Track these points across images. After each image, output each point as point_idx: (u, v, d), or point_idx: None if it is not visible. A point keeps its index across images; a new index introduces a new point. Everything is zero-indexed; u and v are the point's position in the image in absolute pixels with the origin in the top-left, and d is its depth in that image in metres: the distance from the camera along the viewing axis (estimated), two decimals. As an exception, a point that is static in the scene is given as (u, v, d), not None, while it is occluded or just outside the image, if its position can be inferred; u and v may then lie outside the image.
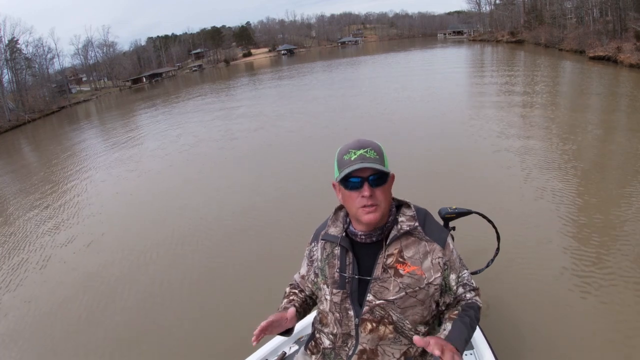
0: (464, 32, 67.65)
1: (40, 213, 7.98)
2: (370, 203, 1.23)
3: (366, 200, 1.23)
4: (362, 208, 1.24)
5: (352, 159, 1.22)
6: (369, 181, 1.22)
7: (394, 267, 1.28)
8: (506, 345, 2.80)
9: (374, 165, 1.20)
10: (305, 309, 1.55)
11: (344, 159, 1.24)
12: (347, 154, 1.24)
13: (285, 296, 1.58)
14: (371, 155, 1.23)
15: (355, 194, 1.24)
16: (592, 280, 3.49)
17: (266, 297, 3.82)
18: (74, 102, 45.08)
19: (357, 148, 1.24)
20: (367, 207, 1.23)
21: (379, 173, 1.23)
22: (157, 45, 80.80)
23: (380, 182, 1.24)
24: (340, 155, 1.26)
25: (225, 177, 8.34)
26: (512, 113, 10.38)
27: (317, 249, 1.45)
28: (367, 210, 1.24)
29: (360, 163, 1.20)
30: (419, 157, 7.71)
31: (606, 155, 6.79)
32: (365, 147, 1.24)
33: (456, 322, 1.28)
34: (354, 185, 1.23)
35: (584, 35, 23.88)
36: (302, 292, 1.58)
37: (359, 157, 1.22)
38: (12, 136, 26.42)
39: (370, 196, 1.22)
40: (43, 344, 3.89)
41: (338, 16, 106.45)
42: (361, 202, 1.24)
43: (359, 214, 1.26)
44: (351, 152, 1.24)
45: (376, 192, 1.23)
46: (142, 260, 5.22)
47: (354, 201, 1.25)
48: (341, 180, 1.23)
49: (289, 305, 1.50)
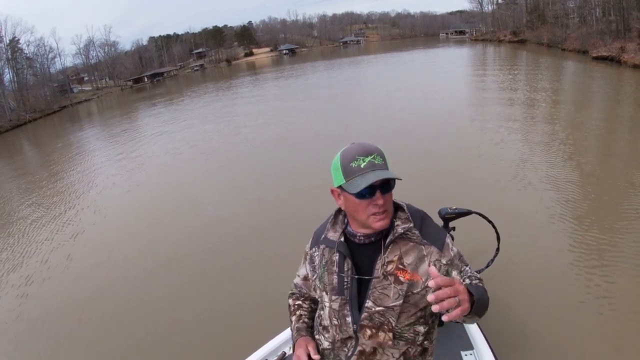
0: (466, 31, 67.49)
1: (37, 211, 8.01)
2: (382, 210, 1.22)
3: (379, 207, 1.21)
4: (374, 216, 1.23)
5: (362, 166, 1.19)
6: (381, 189, 1.21)
7: (394, 274, 1.26)
8: (506, 345, 2.79)
9: (391, 175, 1.19)
10: (314, 319, 1.54)
11: (351, 167, 1.20)
12: (354, 160, 1.21)
13: (291, 312, 1.56)
14: (379, 161, 1.21)
15: (365, 202, 1.22)
16: (593, 280, 3.48)
17: (266, 297, 3.82)
18: (75, 102, 45.09)
19: (363, 155, 1.21)
20: (379, 214, 1.22)
21: (389, 180, 1.21)
22: (159, 45, 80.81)
23: (389, 188, 1.23)
24: (346, 161, 1.22)
25: (230, 177, 8.36)
26: (514, 113, 10.36)
27: (317, 255, 1.44)
28: (378, 217, 1.23)
29: (373, 172, 1.18)
30: (419, 156, 7.71)
31: (608, 156, 6.77)
32: (371, 153, 1.21)
33: (470, 285, 1.18)
34: (365, 194, 1.21)
35: (586, 35, 23.77)
36: (306, 301, 1.57)
37: (369, 165, 1.19)
38: (13, 136, 26.49)
39: (385, 203, 1.22)
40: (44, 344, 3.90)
41: (340, 16, 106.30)
42: (372, 210, 1.22)
43: (369, 222, 1.24)
44: (359, 159, 1.20)
45: (386, 198, 1.23)
46: (142, 261, 5.23)
47: (365, 209, 1.23)
48: (357, 190, 1.19)
49: (301, 326, 1.48)
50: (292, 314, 1.56)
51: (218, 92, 28.01)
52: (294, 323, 1.52)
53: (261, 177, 7.84)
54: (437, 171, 6.74)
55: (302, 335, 1.45)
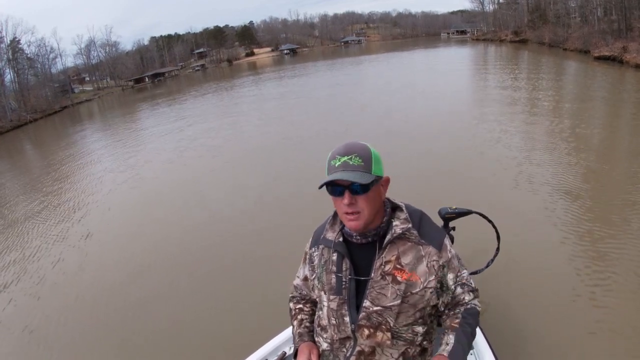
0: (467, 31, 67.43)
1: (41, 211, 8.03)
2: (351, 211, 1.23)
3: (347, 207, 1.23)
4: (345, 215, 1.26)
5: (336, 165, 1.23)
6: (351, 189, 1.22)
7: (391, 274, 1.27)
8: (506, 345, 2.79)
9: (350, 176, 1.19)
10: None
11: (330, 164, 1.25)
12: (333, 159, 1.24)
13: (292, 316, 1.57)
14: (355, 162, 1.22)
15: (338, 200, 1.25)
16: (594, 280, 3.47)
17: (267, 297, 3.83)
18: (76, 102, 45.12)
19: (342, 154, 1.23)
20: (349, 214, 1.24)
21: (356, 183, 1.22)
22: (160, 45, 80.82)
23: (363, 190, 1.23)
24: (329, 159, 1.26)
25: (230, 177, 8.38)
26: (514, 113, 10.35)
27: (316, 254, 1.45)
28: (349, 217, 1.25)
29: (340, 172, 1.20)
30: (420, 156, 7.70)
31: (610, 156, 6.75)
32: (350, 154, 1.23)
33: (458, 335, 1.28)
34: (337, 193, 1.24)
35: (588, 35, 23.68)
36: (307, 304, 1.57)
37: (342, 165, 1.22)
38: (14, 136, 26.54)
39: (352, 204, 1.22)
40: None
41: (341, 15, 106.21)
42: (344, 209, 1.25)
43: (343, 220, 1.29)
44: (337, 157, 1.24)
45: (358, 200, 1.23)
46: (142, 261, 5.24)
47: (339, 207, 1.27)
48: (324, 187, 1.25)
49: (303, 331, 1.49)
50: (293, 318, 1.56)
51: (220, 92, 28.02)
52: (295, 328, 1.52)
53: (261, 178, 7.84)
54: (437, 171, 6.73)
55: (305, 340, 1.45)
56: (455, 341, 1.26)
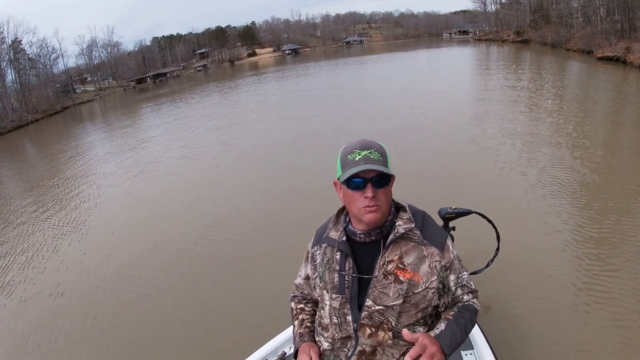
0: (470, 31, 67.36)
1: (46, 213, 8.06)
2: (372, 204, 1.24)
3: (369, 201, 1.24)
4: (365, 208, 1.25)
5: (357, 159, 1.23)
6: (372, 182, 1.23)
7: (394, 274, 1.28)
8: (506, 345, 2.79)
9: (378, 167, 1.21)
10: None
11: (347, 159, 1.25)
12: (351, 153, 1.25)
13: (293, 316, 1.57)
14: (375, 156, 1.23)
15: (357, 194, 1.25)
16: (594, 280, 3.47)
17: (267, 297, 3.83)
18: (78, 102, 45.25)
19: (361, 148, 1.25)
20: (369, 207, 1.24)
21: (382, 174, 1.23)
22: (162, 45, 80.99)
23: (383, 184, 1.25)
24: (344, 154, 1.27)
25: (231, 176, 8.39)
26: (516, 112, 10.32)
27: (319, 253, 1.45)
28: (368, 210, 1.25)
29: (364, 164, 1.21)
30: (420, 156, 7.70)
31: (612, 156, 6.73)
32: (369, 148, 1.25)
33: (450, 323, 1.28)
34: (357, 186, 1.24)
35: (591, 35, 23.60)
36: (308, 304, 1.58)
37: (363, 158, 1.23)
38: (16, 136, 26.62)
39: (373, 197, 1.23)
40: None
41: (343, 16, 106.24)
42: (363, 203, 1.24)
43: (360, 214, 1.27)
44: (355, 152, 1.24)
45: (379, 193, 1.24)
46: (142, 260, 5.26)
47: (357, 201, 1.26)
48: (344, 180, 1.24)
49: (303, 331, 1.49)
50: (294, 318, 1.56)
51: (223, 92, 28.07)
52: (296, 328, 1.53)
53: (262, 177, 7.85)
54: (438, 171, 6.73)
55: (305, 340, 1.46)
56: (445, 327, 1.27)
